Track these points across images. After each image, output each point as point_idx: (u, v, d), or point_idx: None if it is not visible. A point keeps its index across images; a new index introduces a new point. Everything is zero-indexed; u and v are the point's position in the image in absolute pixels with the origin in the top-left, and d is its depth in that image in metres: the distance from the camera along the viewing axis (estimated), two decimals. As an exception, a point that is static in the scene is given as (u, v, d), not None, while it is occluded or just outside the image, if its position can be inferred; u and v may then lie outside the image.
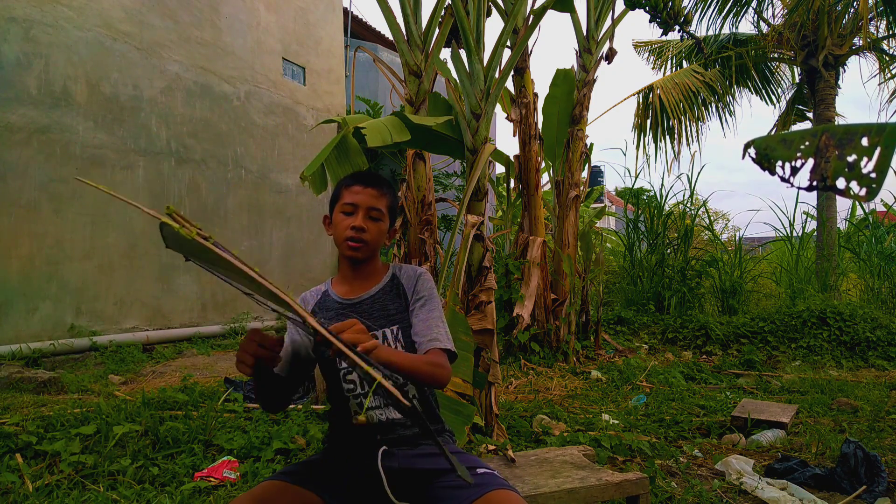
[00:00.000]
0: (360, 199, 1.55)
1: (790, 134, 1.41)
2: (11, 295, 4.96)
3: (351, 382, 1.51)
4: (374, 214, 1.56)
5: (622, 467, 2.82)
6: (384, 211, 1.58)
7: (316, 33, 8.56)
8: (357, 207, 1.55)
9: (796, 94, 10.32)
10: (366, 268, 1.62)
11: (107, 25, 5.74)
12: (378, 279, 1.63)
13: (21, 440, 2.72)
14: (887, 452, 3.06)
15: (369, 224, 1.55)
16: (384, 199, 1.58)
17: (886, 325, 6.10)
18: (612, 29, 6.18)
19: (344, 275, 1.64)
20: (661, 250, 8.14)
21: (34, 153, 5.14)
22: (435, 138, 5.01)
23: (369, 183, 1.58)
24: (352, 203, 1.55)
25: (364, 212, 1.55)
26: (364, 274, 1.62)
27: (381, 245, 1.63)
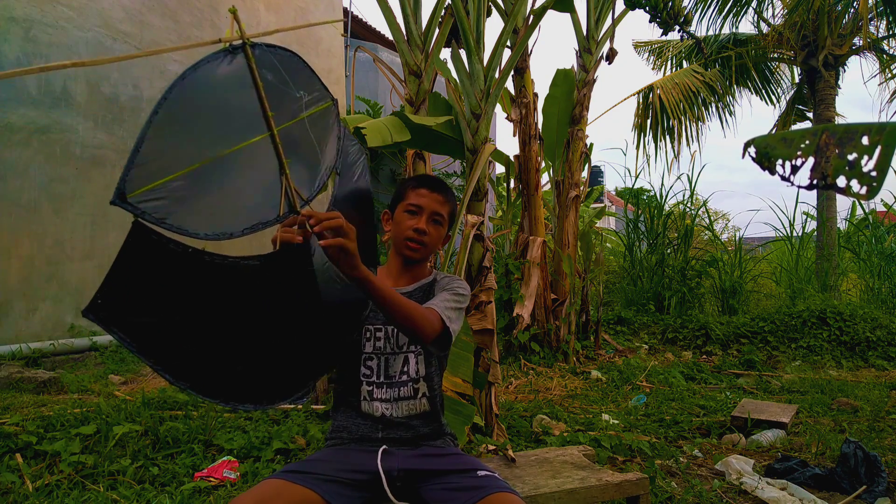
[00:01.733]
0: (426, 202, 1.59)
1: (790, 133, 1.41)
2: (11, 295, 4.96)
3: (369, 368, 1.53)
4: (436, 219, 1.61)
5: (622, 467, 2.82)
6: (446, 217, 1.63)
7: (316, 33, 8.56)
8: (422, 210, 1.59)
9: (796, 94, 10.32)
10: (416, 267, 1.67)
11: (107, 25, 5.74)
12: (420, 278, 1.68)
13: (21, 440, 2.72)
14: (887, 452, 3.06)
15: (431, 228, 1.60)
16: (448, 205, 1.64)
17: (886, 325, 6.10)
18: (612, 29, 6.18)
19: (391, 268, 1.68)
20: (661, 250, 8.14)
21: (34, 153, 5.14)
22: (435, 138, 5.01)
23: (436, 188, 1.63)
24: (417, 205, 1.59)
25: (428, 215, 1.59)
26: (411, 272, 1.67)
27: (436, 249, 1.69)
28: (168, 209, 0.90)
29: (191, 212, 0.93)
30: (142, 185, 0.87)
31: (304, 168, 1.13)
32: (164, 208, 0.89)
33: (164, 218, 0.89)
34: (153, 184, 0.88)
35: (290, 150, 1.07)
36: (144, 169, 0.88)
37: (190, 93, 0.98)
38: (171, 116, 0.93)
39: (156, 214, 0.88)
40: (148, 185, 0.88)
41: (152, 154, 0.89)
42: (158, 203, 0.89)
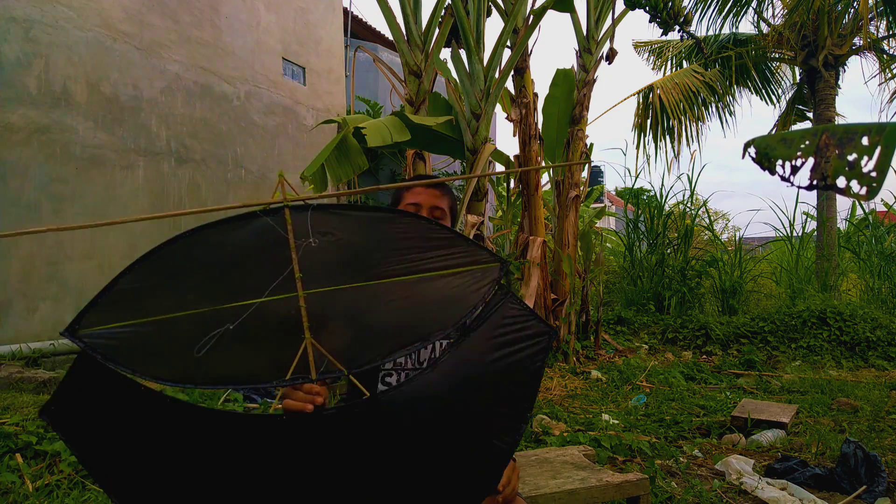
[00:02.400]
0: (423, 198, 1.58)
1: (790, 133, 1.41)
2: (11, 295, 4.96)
3: (387, 384, 1.51)
4: (437, 214, 1.58)
5: (622, 467, 2.82)
6: (446, 210, 1.60)
7: (316, 33, 8.56)
8: (420, 207, 1.57)
9: (796, 94, 10.32)
10: None
11: (107, 25, 5.74)
12: None
13: (21, 440, 2.72)
14: (887, 452, 3.06)
15: None
16: (446, 198, 1.61)
17: (886, 325, 6.10)
18: (612, 29, 6.18)
19: None
20: (661, 250, 8.14)
21: (34, 153, 5.14)
22: (435, 138, 5.02)
23: (430, 184, 1.62)
24: (415, 203, 1.57)
25: (428, 210, 1.57)
26: None
27: None
28: (118, 349, 0.88)
29: (150, 355, 0.90)
30: (101, 322, 0.88)
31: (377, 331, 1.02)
32: (115, 347, 0.88)
33: (113, 357, 0.88)
34: (112, 325, 0.88)
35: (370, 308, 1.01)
36: (110, 309, 0.89)
37: (197, 246, 0.96)
38: (163, 264, 0.94)
39: (105, 352, 0.87)
40: (106, 325, 0.88)
41: (124, 297, 0.90)
42: (112, 342, 0.88)
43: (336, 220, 0.99)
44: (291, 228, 0.95)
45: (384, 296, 1.00)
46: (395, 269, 1.00)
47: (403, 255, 1.01)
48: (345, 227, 1.00)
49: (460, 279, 1.02)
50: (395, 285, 1.00)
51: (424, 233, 1.03)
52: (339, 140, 4.42)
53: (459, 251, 1.03)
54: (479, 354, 1.04)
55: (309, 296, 0.95)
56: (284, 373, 0.93)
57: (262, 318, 0.94)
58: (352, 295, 0.99)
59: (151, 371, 0.89)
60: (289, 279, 0.95)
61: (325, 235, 0.98)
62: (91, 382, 0.91)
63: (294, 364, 0.93)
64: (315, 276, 0.96)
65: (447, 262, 1.02)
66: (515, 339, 1.05)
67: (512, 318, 1.06)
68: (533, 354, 1.05)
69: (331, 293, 0.97)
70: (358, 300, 1.00)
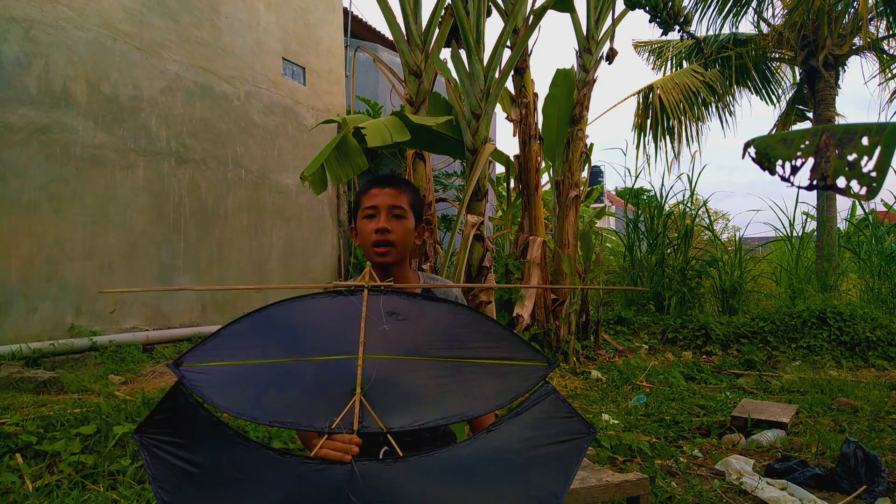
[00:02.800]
0: (380, 199, 1.53)
1: (790, 133, 1.41)
2: (11, 295, 4.96)
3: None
4: (397, 213, 1.53)
5: (622, 467, 2.82)
6: (406, 208, 1.55)
7: (316, 33, 8.56)
8: (378, 209, 1.52)
9: (796, 94, 10.32)
10: (396, 271, 1.57)
11: (107, 25, 5.74)
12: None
13: (21, 440, 2.72)
14: (887, 452, 3.06)
15: (394, 223, 1.52)
16: (405, 195, 1.56)
17: (886, 325, 6.10)
18: (612, 29, 6.18)
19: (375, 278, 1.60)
20: (661, 250, 8.14)
21: (34, 153, 5.14)
22: (435, 138, 5.02)
23: (386, 183, 1.56)
24: (372, 206, 1.53)
25: (386, 212, 1.52)
26: (395, 279, 1.56)
27: (410, 246, 1.58)
28: (206, 383, 1.11)
29: (227, 390, 1.11)
30: (196, 361, 1.13)
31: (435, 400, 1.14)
32: (204, 381, 1.11)
33: (199, 387, 1.10)
34: (204, 364, 1.13)
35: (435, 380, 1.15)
36: (207, 352, 1.14)
37: (284, 311, 1.20)
38: (255, 323, 1.18)
39: (193, 383, 1.10)
40: (202, 363, 1.13)
41: (218, 346, 1.15)
42: (201, 377, 1.11)
43: (407, 304, 1.21)
44: (366, 305, 1.18)
45: (436, 372, 1.15)
46: (450, 353, 1.17)
47: (459, 341, 1.18)
48: (413, 311, 1.21)
49: (507, 370, 1.16)
50: (447, 365, 1.15)
51: (481, 325, 1.21)
52: (338, 140, 4.42)
53: (510, 346, 1.18)
54: (518, 439, 1.13)
55: (369, 361, 1.12)
56: (331, 421, 1.08)
57: (326, 374, 1.13)
58: (408, 367, 1.15)
59: (226, 404, 1.09)
60: (356, 344, 1.14)
61: (393, 315, 1.19)
62: (178, 408, 1.11)
63: (342, 415, 1.07)
64: (378, 346, 1.15)
65: (497, 354, 1.17)
66: (556, 432, 1.14)
67: (556, 413, 1.15)
68: (570, 449, 1.12)
69: (390, 363, 1.14)
70: (413, 374, 1.15)
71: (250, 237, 7.36)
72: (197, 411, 1.11)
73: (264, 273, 7.52)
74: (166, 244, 6.27)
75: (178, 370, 1.11)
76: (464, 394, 1.13)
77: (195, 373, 1.11)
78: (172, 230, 6.34)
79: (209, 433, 1.11)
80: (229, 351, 1.15)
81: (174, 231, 6.36)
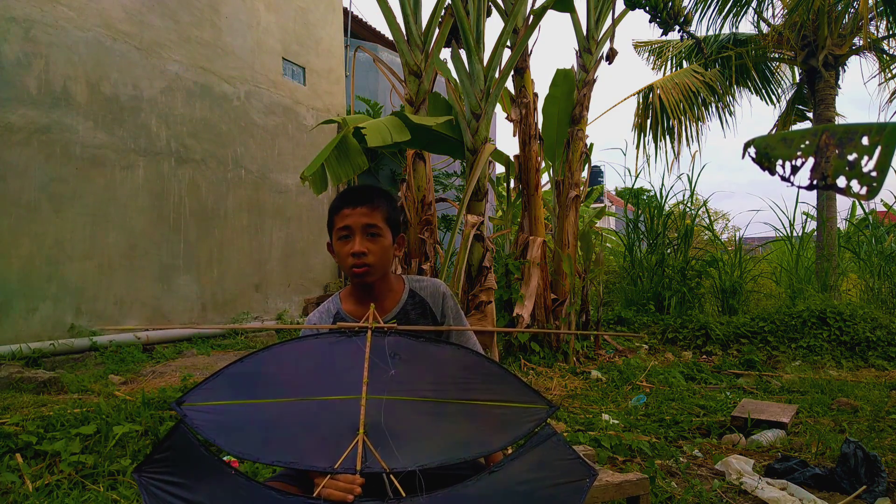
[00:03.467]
0: (352, 220, 1.46)
1: (790, 133, 1.41)
2: (11, 295, 4.96)
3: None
4: (371, 231, 1.47)
5: (622, 467, 2.82)
6: (381, 225, 1.49)
7: (316, 33, 8.56)
8: (352, 230, 1.47)
9: (796, 94, 10.32)
10: (380, 286, 1.54)
11: (107, 25, 5.74)
12: (395, 296, 1.56)
13: (21, 440, 2.72)
14: (887, 452, 3.06)
15: (369, 244, 1.47)
16: (378, 212, 1.49)
17: (886, 325, 6.09)
18: (612, 29, 6.18)
19: (358, 296, 1.55)
20: (661, 250, 8.14)
21: (34, 153, 5.14)
22: (435, 138, 5.02)
23: (357, 201, 1.48)
24: (345, 227, 1.47)
25: (360, 233, 1.46)
26: (380, 293, 1.54)
27: (389, 261, 1.54)
28: (208, 423, 1.11)
29: (230, 430, 1.11)
30: (199, 400, 1.13)
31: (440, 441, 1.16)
32: (206, 421, 1.11)
33: (201, 427, 1.10)
34: (206, 402, 1.13)
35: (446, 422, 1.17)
36: (209, 391, 1.14)
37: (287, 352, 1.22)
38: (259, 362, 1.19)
39: (195, 422, 1.10)
40: (204, 402, 1.13)
41: (220, 385, 1.15)
42: (203, 416, 1.11)
43: (410, 345, 1.23)
44: (370, 346, 1.19)
45: (439, 413, 1.17)
46: (453, 394, 1.19)
47: (462, 382, 1.21)
48: (416, 352, 1.23)
49: (509, 412, 1.18)
50: (450, 406, 1.17)
51: (483, 367, 1.24)
52: (338, 140, 4.42)
53: (512, 388, 1.21)
54: (520, 481, 1.14)
55: (372, 401, 1.13)
56: (334, 461, 1.09)
57: (329, 414, 1.14)
58: (411, 408, 1.16)
59: (229, 444, 1.09)
60: (359, 385, 1.15)
61: (396, 356, 1.20)
62: (179, 447, 1.12)
63: (345, 454, 1.08)
64: (382, 386, 1.16)
65: (500, 396, 1.19)
66: (558, 474, 1.16)
67: (558, 455, 1.18)
68: (571, 491, 1.14)
69: (392, 404, 1.15)
70: (415, 415, 1.16)
71: (250, 237, 7.37)
72: (198, 451, 1.11)
73: (264, 273, 7.53)
74: (166, 244, 6.27)
75: (180, 409, 1.11)
76: (466, 435, 1.16)
77: (197, 412, 1.12)
78: (172, 230, 6.34)
79: (211, 473, 1.10)
80: (232, 390, 1.15)
81: (174, 231, 6.36)
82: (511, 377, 1.23)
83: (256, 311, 7.35)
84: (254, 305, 7.34)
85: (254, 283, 7.38)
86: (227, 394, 1.14)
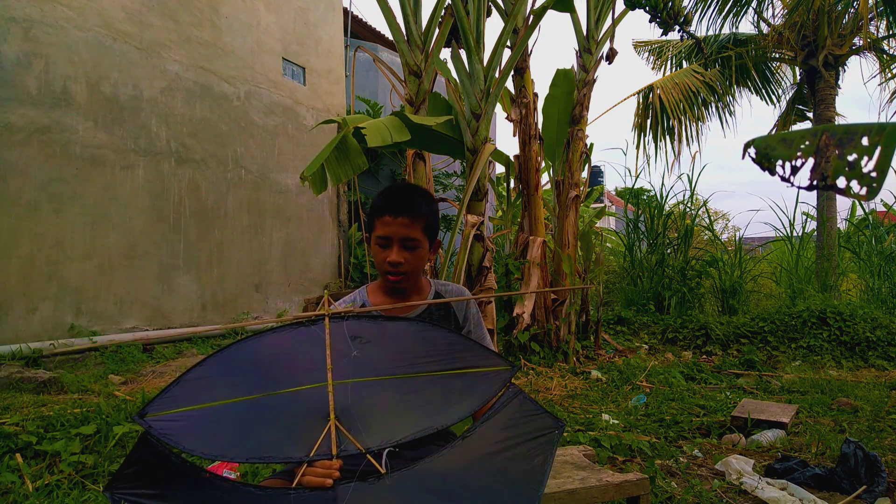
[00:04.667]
0: (392, 230, 1.49)
1: (790, 133, 1.41)
2: (11, 295, 4.96)
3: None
4: (409, 245, 1.50)
5: (622, 467, 2.82)
6: (420, 237, 1.52)
7: (316, 33, 8.56)
8: (391, 241, 1.49)
9: (796, 94, 10.32)
10: (409, 287, 1.60)
11: (107, 25, 5.74)
12: (422, 297, 1.62)
13: (21, 440, 2.72)
14: (887, 452, 3.06)
15: (405, 255, 1.50)
16: (418, 224, 1.51)
17: (886, 325, 6.09)
18: (612, 29, 6.18)
19: (387, 291, 1.61)
20: (661, 250, 8.13)
21: (34, 153, 5.14)
22: (435, 138, 5.02)
23: (400, 211, 1.49)
24: (384, 236, 1.50)
25: (398, 244, 1.49)
26: (408, 293, 1.60)
27: (423, 267, 1.58)
28: (176, 430, 1.10)
29: (199, 434, 1.10)
30: (161, 409, 1.12)
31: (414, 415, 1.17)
32: (173, 428, 1.10)
33: (168, 435, 1.09)
34: (170, 411, 1.12)
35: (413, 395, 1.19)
36: (170, 400, 1.13)
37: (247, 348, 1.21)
38: (219, 364, 1.18)
39: (162, 431, 1.09)
40: (167, 410, 1.12)
41: (181, 392, 1.14)
42: (168, 424, 1.10)
43: (369, 327, 1.24)
44: (329, 333, 1.20)
45: (406, 389, 1.18)
46: (417, 368, 1.20)
47: (425, 356, 1.21)
48: (377, 334, 1.23)
49: (474, 377, 1.20)
50: (416, 380, 1.18)
51: (444, 338, 1.24)
52: (338, 140, 4.42)
53: (474, 354, 1.22)
54: (492, 442, 1.17)
55: (339, 387, 1.14)
56: (309, 450, 1.11)
57: (298, 405, 1.14)
58: (378, 387, 1.18)
59: (200, 447, 1.09)
60: (323, 372, 1.15)
61: (357, 339, 1.21)
62: (148, 459, 1.10)
63: (319, 442, 1.10)
64: (347, 371, 1.17)
65: (462, 364, 1.21)
66: (528, 430, 1.19)
67: (525, 412, 1.21)
68: (543, 444, 1.18)
69: (359, 386, 1.17)
70: (383, 394, 1.17)
71: (250, 237, 7.36)
72: (168, 459, 1.10)
73: (264, 273, 7.53)
74: (166, 244, 6.27)
75: (143, 421, 1.10)
76: (435, 406, 1.17)
77: (162, 421, 1.10)
78: (172, 230, 6.34)
79: (184, 480, 1.10)
80: (195, 394, 1.14)
81: (174, 231, 6.36)
82: (472, 344, 1.25)
83: (256, 311, 7.35)
84: (254, 305, 7.34)
85: (254, 283, 7.38)
86: (190, 399, 1.13)
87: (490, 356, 1.23)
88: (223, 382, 1.16)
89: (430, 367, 1.20)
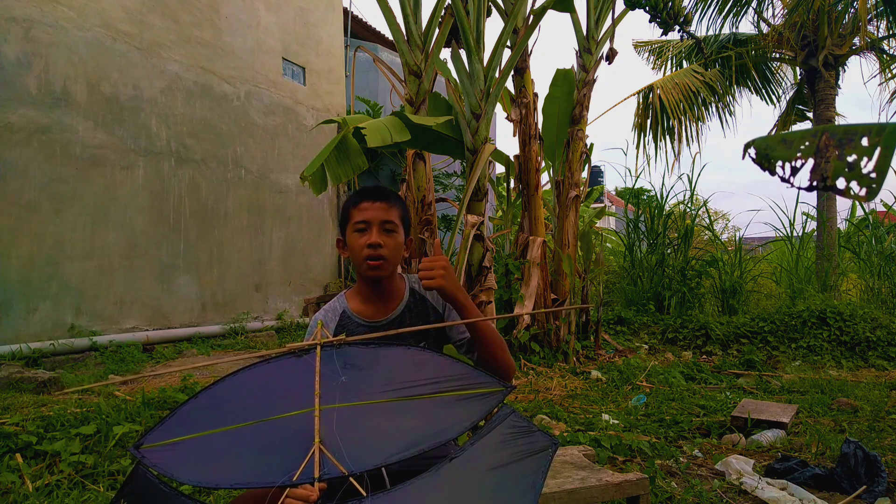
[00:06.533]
0: (371, 214, 1.53)
1: (790, 134, 1.41)
2: (11, 295, 4.96)
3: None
4: (388, 227, 1.54)
5: (622, 467, 2.82)
6: (397, 222, 1.55)
7: (316, 33, 8.56)
8: (370, 224, 1.52)
9: (796, 94, 10.32)
10: (388, 285, 1.59)
11: (107, 25, 5.74)
12: (400, 296, 1.61)
13: (21, 440, 2.72)
14: (887, 452, 3.06)
15: (385, 238, 1.53)
16: (395, 210, 1.56)
17: (886, 325, 6.09)
18: (612, 29, 6.18)
19: (365, 295, 1.60)
20: (662, 250, 8.13)
21: (34, 153, 5.14)
22: (435, 138, 5.02)
23: (377, 197, 1.55)
24: (363, 220, 1.53)
25: (378, 226, 1.52)
26: (387, 293, 1.59)
27: (400, 259, 1.59)
28: (167, 460, 1.12)
29: (189, 463, 1.13)
30: (156, 440, 1.15)
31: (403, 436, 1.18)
32: (165, 458, 1.13)
33: (160, 465, 1.12)
34: (164, 442, 1.15)
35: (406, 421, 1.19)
36: (165, 431, 1.16)
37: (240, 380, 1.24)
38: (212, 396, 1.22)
39: (153, 461, 1.12)
40: (160, 442, 1.15)
41: (176, 423, 1.17)
42: (161, 454, 1.13)
43: (361, 353, 1.26)
44: (320, 361, 1.22)
45: (396, 413, 1.19)
46: (408, 392, 1.20)
47: (416, 380, 1.22)
48: (368, 359, 1.25)
49: (466, 399, 1.20)
50: (406, 404, 1.19)
51: (436, 362, 1.26)
52: (338, 140, 4.42)
53: (467, 377, 1.23)
54: (484, 461, 1.16)
55: (326, 412, 1.16)
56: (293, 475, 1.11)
57: (286, 431, 1.16)
58: (367, 412, 1.18)
59: (187, 476, 1.11)
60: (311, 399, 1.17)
61: (349, 367, 1.23)
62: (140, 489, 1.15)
63: (303, 465, 1.09)
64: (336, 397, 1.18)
65: (454, 386, 1.21)
66: (520, 450, 1.17)
67: (518, 431, 1.19)
68: (536, 462, 1.16)
69: (348, 412, 1.18)
70: (373, 418, 1.18)
71: (250, 237, 7.37)
72: (160, 489, 1.14)
73: (264, 273, 7.53)
74: (166, 244, 6.27)
75: (137, 452, 1.13)
76: (424, 429, 1.17)
77: (156, 451, 1.14)
78: (172, 230, 6.34)
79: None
80: (188, 426, 1.18)
81: (174, 231, 6.36)
82: (465, 367, 1.25)
83: (256, 311, 7.35)
84: (254, 305, 7.34)
85: (254, 283, 7.38)
86: (183, 430, 1.17)
87: (483, 377, 1.24)
88: (215, 414, 1.19)
89: (422, 390, 1.21)
